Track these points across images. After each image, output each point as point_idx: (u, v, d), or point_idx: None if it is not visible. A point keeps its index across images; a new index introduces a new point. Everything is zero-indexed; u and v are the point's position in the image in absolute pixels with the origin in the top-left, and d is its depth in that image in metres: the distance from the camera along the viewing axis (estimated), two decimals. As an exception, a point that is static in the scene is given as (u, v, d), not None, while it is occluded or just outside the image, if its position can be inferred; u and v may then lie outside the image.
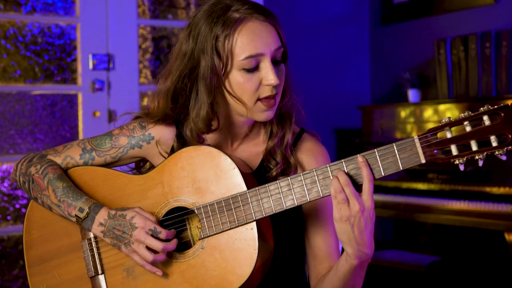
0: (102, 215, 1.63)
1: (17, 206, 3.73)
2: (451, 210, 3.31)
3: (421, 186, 3.52)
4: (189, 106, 1.68)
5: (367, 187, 1.48)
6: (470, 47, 3.66)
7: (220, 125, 1.69)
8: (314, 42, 4.38)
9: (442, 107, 3.59)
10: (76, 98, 3.78)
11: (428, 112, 3.65)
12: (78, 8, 3.71)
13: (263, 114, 1.63)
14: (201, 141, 1.69)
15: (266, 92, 1.60)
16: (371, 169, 1.49)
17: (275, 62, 1.62)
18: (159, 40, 3.98)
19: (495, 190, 3.19)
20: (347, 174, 1.50)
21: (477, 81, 3.66)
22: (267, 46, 1.59)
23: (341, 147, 4.37)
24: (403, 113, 3.77)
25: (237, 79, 1.60)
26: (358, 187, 1.50)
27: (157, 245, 1.56)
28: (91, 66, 3.71)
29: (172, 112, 1.70)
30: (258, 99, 1.61)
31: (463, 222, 3.25)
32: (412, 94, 3.99)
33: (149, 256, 1.57)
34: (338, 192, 1.47)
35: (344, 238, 1.50)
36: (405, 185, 3.60)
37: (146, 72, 3.95)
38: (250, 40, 1.58)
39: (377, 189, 3.68)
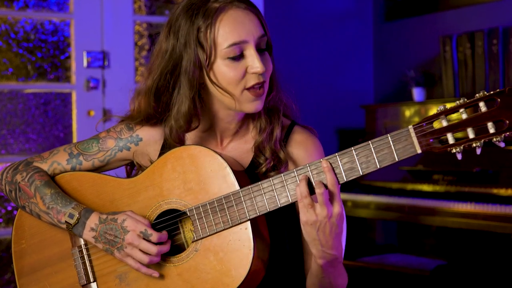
0: (93, 220, 1.62)
1: (9, 208, 3.73)
2: (457, 213, 3.30)
3: (426, 187, 3.51)
4: (171, 104, 1.68)
5: (334, 192, 1.50)
6: (477, 44, 3.65)
7: (203, 123, 1.70)
8: (316, 39, 4.38)
9: (447, 106, 3.57)
10: (70, 97, 3.78)
11: (433, 111, 3.62)
12: (72, 4, 3.71)
13: (251, 104, 1.63)
14: (180, 141, 1.69)
15: (252, 80, 1.61)
16: (335, 174, 1.50)
17: (259, 50, 1.63)
18: (156, 37, 3.96)
19: (502, 191, 3.19)
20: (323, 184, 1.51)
21: (484, 79, 3.65)
22: (250, 33, 1.61)
23: (343, 147, 4.34)
24: (408, 112, 3.77)
25: (222, 69, 1.61)
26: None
27: (151, 248, 1.56)
28: (85, 63, 3.70)
29: (155, 112, 1.70)
30: (245, 89, 1.62)
31: (470, 225, 3.25)
32: (417, 93, 3.99)
33: (145, 258, 1.57)
34: (304, 197, 1.49)
35: (308, 239, 1.53)
36: (409, 186, 3.59)
37: (142, 70, 3.94)
38: (232, 28, 1.60)
39: (381, 190, 3.67)
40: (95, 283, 1.68)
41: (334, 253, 1.54)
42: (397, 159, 1.47)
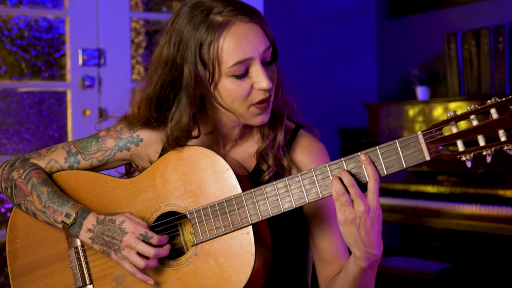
0: (90, 221, 1.62)
1: (2, 210, 3.73)
2: (462, 215, 3.30)
3: (430, 189, 3.51)
4: (170, 113, 1.66)
5: (372, 186, 1.48)
6: (482, 42, 3.65)
7: (205, 127, 1.69)
8: (317, 37, 4.37)
9: (452, 105, 3.58)
10: (64, 96, 3.77)
11: (438, 111, 3.65)
12: (67, 0, 3.71)
13: (258, 118, 1.62)
14: (179, 147, 1.66)
15: (259, 96, 1.60)
16: (375, 167, 1.48)
17: (265, 63, 1.61)
18: (153, 34, 3.97)
19: (508, 193, 3.19)
20: (350, 173, 1.49)
21: (489, 78, 3.65)
22: (255, 49, 1.58)
23: (345, 147, 4.36)
24: (411, 112, 3.77)
25: (226, 87, 1.59)
26: (361, 186, 1.50)
27: (149, 250, 1.55)
28: (80, 61, 3.70)
29: (154, 120, 1.68)
30: (251, 105, 1.60)
31: (475, 227, 3.25)
32: (421, 92, 3.99)
33: (141, 262, 1.56)
34: (340, 194, 1.47)
35: (350, 240, 1.50)
36: (413, 188, 3.59)
37: (139, 68, 3.95)
38: (237, 45, 1.57)
39: (384, 192, 3.67)
40: (91, 285, 1.67)
41: (377, 253, 1.52)
42: (404, 166, 1.47)
